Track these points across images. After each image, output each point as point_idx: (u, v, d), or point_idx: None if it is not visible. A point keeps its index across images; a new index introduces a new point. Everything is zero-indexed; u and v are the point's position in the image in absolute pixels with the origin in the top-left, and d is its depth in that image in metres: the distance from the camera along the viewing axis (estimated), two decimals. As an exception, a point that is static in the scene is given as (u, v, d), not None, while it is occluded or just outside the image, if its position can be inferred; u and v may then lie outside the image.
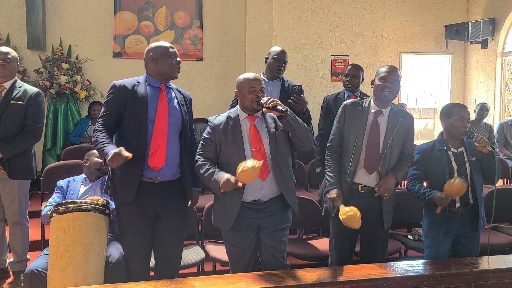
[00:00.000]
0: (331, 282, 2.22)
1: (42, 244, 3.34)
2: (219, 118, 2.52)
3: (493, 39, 6.54)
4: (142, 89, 2.47)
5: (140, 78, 2.53)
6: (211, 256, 3.12)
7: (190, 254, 3.09)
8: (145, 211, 2.48)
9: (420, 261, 2.66)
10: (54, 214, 2.55)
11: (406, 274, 2.34)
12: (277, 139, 2.46)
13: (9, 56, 3.14)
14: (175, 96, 2.57)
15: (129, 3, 6.25)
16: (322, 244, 3.31)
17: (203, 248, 3.26)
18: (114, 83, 2.48)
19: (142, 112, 2.42)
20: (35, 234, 3.53)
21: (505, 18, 6.38)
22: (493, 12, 6.57)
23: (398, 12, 6.84)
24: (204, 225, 3.31)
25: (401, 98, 6.80)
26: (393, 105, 2.76)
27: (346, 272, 2.34)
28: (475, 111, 5.93)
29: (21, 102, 3.12)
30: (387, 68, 2.68)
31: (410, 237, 3.54)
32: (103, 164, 3.06)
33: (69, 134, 5.74)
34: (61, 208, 2.54)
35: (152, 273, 2.65)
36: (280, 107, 2.31)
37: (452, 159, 2.79)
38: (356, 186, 2.69)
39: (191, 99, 2.69)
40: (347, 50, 6.69)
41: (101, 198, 2.76)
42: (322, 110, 3.88)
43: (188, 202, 2.66)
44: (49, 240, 2.54)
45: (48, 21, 6.00)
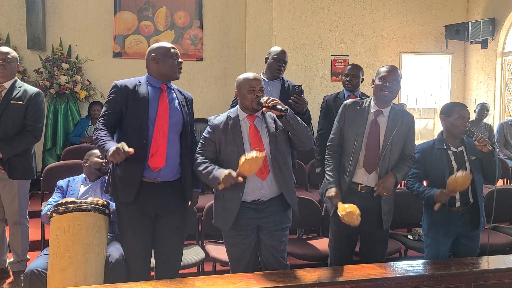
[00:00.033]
0: (331, 282, 2.22)
1: (42, 244, 3.34)
2: (219, 118, 2.53)
3: (493, 39, 6.54)
4: (144, 89, 2.47)
5: (142, 79, 2.53)
6: (211, 256, 3.12)
7: (190, 254, 3.09)
8: (145, 211, 2.48)
9: (420, 261, 2.66)
10: (54, 214, 2.55)
11: (406, 274, 2.34)
12: (277, 139, 2.46)
13: (9, 56, 3.14)
14: (176, 97, 2.57)
15: (129, 3, 6.25)
16: (322, 244, 3.31)
17: (203, 248, 3.26)
18: (116, 83, 2.48)
19: (143, 112, 2.42)
20: (35, 234, 3.53)
21: (505, 18, 6.38)
22: (493, 12, 6.56)
23: (398, 12, 6.84)
24: (204, 225, 3.31)
25: (401, 98, 6.80)
26: (394, 105, 2.76)
27: (346, 272, 2.34)
28: (475, 111, 5.93)
29: (21, 102, 3.12)
30: (387, 68, 2.68)
31: (410, 237, 3.54)
32: (103, 164, 3.07)
33: (69, 134, 5.74)
34: (61, 208, 2.54)
35: (153, 273, 2.65)
36: (280, 106, 2.31)
37: (452, 158, 2.79)
38: (356, 186, 2.69)
39: (192, 100, 2.69)
40: (347, 50, 6.69)
41: (101, 200, 2.75)
42: (322, 110, 3.88)
43: (188, 203, 2.66)
44: (49, 240, 2.54)
45: (48, 21, 6.00)
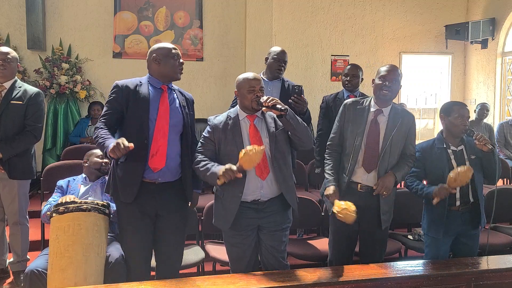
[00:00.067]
0: (331, 282, 2.22)
1: (42, 244, 3.34)
2: (219, 118, 2.53)
3: (493, 39, 6.54)
4: (145, 90, 2.47)
5: (143, 79, 2.53)
6: (211, 256, 3.12)
7: (190, 254, 3.09)
8: (145, 211, 2.47)
9: (420, 261, 2.66)
10: (54, 214, 2.55)
11: (406, 274, 2.34)
12: (277, 139, 2.46)
13: (9, 56, 3.14)
14: (177, 98, 2.57)
15: (129, 3, 6.25)
16: (322, 244, 3.31)
17: (203, 248, 3.26)
18: (117, 83, 2.48)
19: (144, 113, 2.42)
20: (35, 234, 3.53)
21: (505, 18, 6.38)
22: (493, 12, 6.56)
23: (398, 12, 6.84)
24: (204, 225, 3.31)
25: (401, 98, 6.80)
26: (395, 105, 2.75)
27: (346, 272, 2.34)
28: (476, 111, 5.93)
29: (21, 102, 3.12)
30: (387, 67, 2.67)
31: (410, 237, 3.54)
32: (103, 164, 3.07)
33: (69, 134, 5.74)
34: (61, 208, 2.54)
35: (153, 273, 2.65)
36: (280, 106, 2.31)
37: (452, 157, 2.78)
38: (355, 185, 2.68)
39: (193, 101, 2.69)
40: (347, 50, 6.69)
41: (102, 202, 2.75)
42: (321, 111, 3.87)
43: (188, 204, 2.66)
44: (49, 240, 2.54)
45: (48, 21, 6.00)
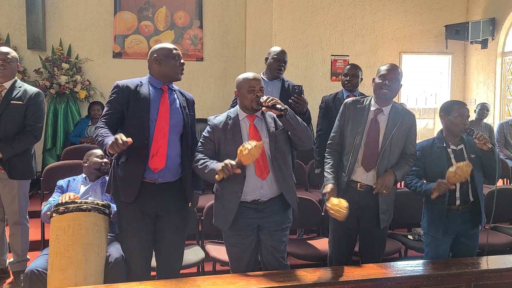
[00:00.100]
0: (331, 282, 2.22)
1: (42, 244, 3.34)
2: (219, 118, 2.53)
3: (493, 39, 6.54)
4: (145, 90, 2.47)
5: (144, 79, 2.53)
6: (211, 256, 3.12)
7: (190, 254, 3.09)
8: (146, 211, 2.47)
9: (420, 261, 2.66)
10: (54, 214, 2.55)
11: (406, 274, 2.34)
12: (277, 139, 2.46)
13: (9, 56, 3.14)
14: (177, 98, 2.56)
15: (129, 3, 6.25)
16: (322, 244, 3.31)
17: (203, 248, 3.26)
18: (117, 83, 2.48)
19: (145, 113, 2.42)
20: (35, 234, 3.53)
21: (505, 18, 6.38)
22: (493, 12, 6.56)
23: (398, 12, 6.84)
24: (204, 225, 3.31)
25: (401, 98, 6.80)
26: (395, 104, 2.75)
27: (346, 272, 2.34)
28: (476, 111, 5.92)
29: (21, 102, 3.12)
30: (387, 67, 2.67)
31: (410, 237, 3.54)
32: (103, 164, 3.07)
33: (69, 134, 5.74)
34: (61, 208, 2.54)
35: (154, 273, 2.65)
36: (280, 106, 2.31)
37: (452, 156, 2.78)
38: (355, 184, 2.68)
39: (194, 101, 2.69)
40: (347, 50, 6.69)
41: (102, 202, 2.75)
42: (321, 111, 3.84)
43: (189, 204, 2.66)
44: (49, 240, 2.54)
45: (48, 21, 6.00)
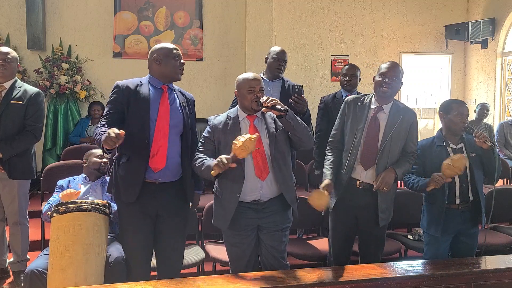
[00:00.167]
0: (331, 282, 2.22)
1: (42, 244, 3.34)
2: (219, 118, 2.53)
3: (493, 39, 6.54)
4: (145, 90, 2.47)
5: (144, 79, 2.53)
6: (211, 256, 3.12)
7: (190, 254, 3.09)
8: (146, 211, 2.48)
9: (420, 261, 2.66)
10: (55, 214, 2.55)
11: (406, 274, 2.34)
12: (277, 139, 2.46)
13: (9, 56, 3.14)
14: (177, 98, 2.56)
15: (129, 3, 6.25)
16: (322, 244, 3.31)
17: (203, 248, 3.26)
18: (117, 83, 2.48)
19: (145, 113, 2.43)
20: (35, 234, 3.53)
21: (505, 18, 6.38)
22: (493, 12, 6.56)
23: (398, 12, 6.83)
24: (204, 225, 3.31)
25: (401, 98, 6.80)
26: (397, 102, 2.74)
27: (346, 272, 2.33)
28: (476, 111, 5.92)
29: (21, 102, 3.12)
30: (388, 64, 2.67)
31: (410, 237, 3.54)
32: (102, 164, 3.08)
33: (69, 134, 5.74)
34: (62, 208, 2.54)
35: (154, 273, 2.65)
36: (279, 106, 2.31)
37: (451, 155, 2.78)
38: (354, 182, 2.67)
39: (194, 101, 2.69)
40: (347, 50, 6.69)
41: (103, 201, 2.75)
42: (320, 111, 3.82)
43: (189, 204, 2.66)
44: (49, 240, 2.54)
45: (48, 21, 6.00)
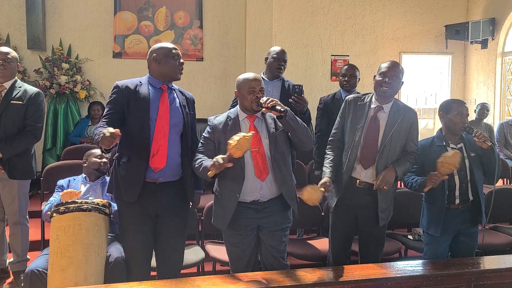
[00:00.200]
0: (331, 282, 2.22)
1: (42, 244, 3.34)
2: (219, 118, 2.53)
3: (493, 39, 6.54)
4: (145, 90, 2.47)
5: (143, 79, 2.54)
6: (211, 256, 3.12)
7: (190, 254, 3.09)
8: (147, 211, 2.48)
9: (420, 261, 2.66)
10: (55, 214, 2.55)
11: (406, 274, 2.34)
12: (277, 139, 2.45)
13: (9, 56, 3.14)
14: (177, 97, 2.57)
15: (129, 3, 6.25)
16: (322, 244, 3.31)
17: (203, 248, 3.26)
18: (117, 84, 2.48)
19: (145, 113, 2.43)
20: (35, 234, 3.53)
21: (505, 18, 6.38)
22: (493, 12, 6.56)
23: (398, 12, 6.83)
24: (204, 225, 3.31)
25: (401, 98, 6.79)
26: (397, 101, 2.73)
27: (346, 272, 2.33)
28: (476, 111, 5.92)
29: (21, 102, 3.12)
30: (388, 64, 2.66)
31: (410, 237, 3.54)
32: (101, 164, 3.09)
33: (69, 134, 5.74)
34: (62, 208, 2.55)
35: (154, 273, 2.65)
36: (279, 107, 2.30)
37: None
38: (354, 181, 2.67)
39: (194, 100, 2.69)
40: (347, 50, 6.69)
41: (103, 200, 2.76)
42: (319, 112, 3.82)
43: (189, 204, 2.66)
44: (49, 240, 2.55)
45: (48, 21, 6.00)
